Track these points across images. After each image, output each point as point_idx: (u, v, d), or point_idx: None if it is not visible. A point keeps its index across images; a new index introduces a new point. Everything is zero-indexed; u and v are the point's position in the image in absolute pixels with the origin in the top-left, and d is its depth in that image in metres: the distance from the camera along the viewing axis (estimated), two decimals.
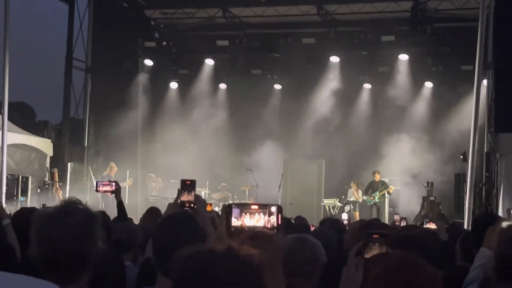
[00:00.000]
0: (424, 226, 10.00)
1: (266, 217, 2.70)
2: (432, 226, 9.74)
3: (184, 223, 3.64)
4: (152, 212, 8.85)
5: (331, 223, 8.51)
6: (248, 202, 3.51)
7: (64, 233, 3.02)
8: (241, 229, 2.68)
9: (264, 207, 2.72)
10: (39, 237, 3.05)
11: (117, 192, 8.23)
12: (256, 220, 2.70)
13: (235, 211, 2.71)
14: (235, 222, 2.70)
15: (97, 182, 8.70)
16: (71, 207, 3.11)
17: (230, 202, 23.27)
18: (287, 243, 4.37)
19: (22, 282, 2.12)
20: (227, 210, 2.72)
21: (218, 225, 2.79)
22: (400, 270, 2.75)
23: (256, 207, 2.72)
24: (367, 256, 3.32)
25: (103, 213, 6.73)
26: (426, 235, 4.88)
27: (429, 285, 2.70)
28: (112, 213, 8.22)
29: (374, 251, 3.32)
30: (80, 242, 3.03)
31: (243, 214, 2.71)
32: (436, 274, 2.75)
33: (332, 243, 6.47)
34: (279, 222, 2.71)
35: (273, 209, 2.72)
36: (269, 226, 2.69)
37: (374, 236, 3.39)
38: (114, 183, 8.42)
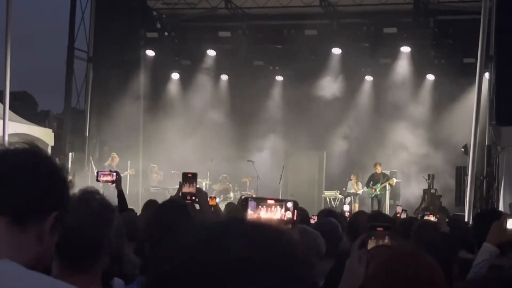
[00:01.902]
0: (425, 218, 10.01)
1: (283, 211, 2.71)
2: (432, 218, 9.74)
3: (175, 214, 3.63)
4: (151, 204, 8.84)
5: (329, 214, 8.50)
6: (265, 197, 3.53)
7: (80, 221, 3.03)
8: None
9: (280, 202, 2.73)
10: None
11: (117, 182, 8.23)
12: (272, 213, 2.71)
13: (252, 204, 2.72)
14: (251, 214, 2.71)
15: (97, 172, 8.71)
16: (88, 196, 3.12)
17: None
18: None
19: (47, 284, 2.15)
20: (244, 203, 2.73)
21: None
22: (400, 262, 2.75)
23: (272, 201, 2.74)
24: (369, 248, 3.33)
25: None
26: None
27: (429, 277, 2.70)
28: (113, 203, 8.21)
29: (377, 244, 3.32)
30: (95, 232, 3.05)
31: (260, 207, 2.71)
32: (437, 266, 2.75)
33: (337, 235, 6.45)
34: (295, 218, 2.72)
35: (289, 204, 2.73)
36: (285, 219, 2.71)
37: (378, 229, 3.39)
38: (114, 173, 8.42)
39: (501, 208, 16.98)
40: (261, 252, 1.34)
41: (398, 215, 12.38)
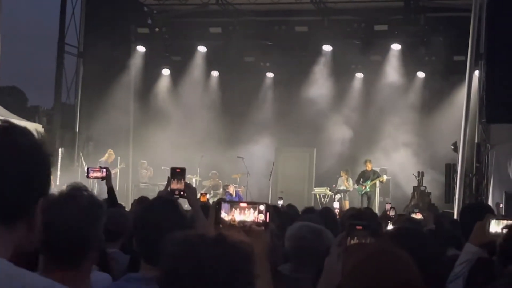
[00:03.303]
0: (411, 215, 10.06)
1: (256, 213, 2.75)
2: (419, 216, 9.79)
3: (166, 211, 3.64)
4: (142, 201, 8.85)
5: (320, 212, 8.52)
6: (236, 200, 3.62)
7: (68, 218, 3.02)
8: (229, 226, 2.73)
9: (253, 204, 2.77)
10: (42, 221, 3.05)
11: (107, 178, 8.27)
12: (246, 215, 2.75)
13: (225, 206, 2.76)
14: (225, 217, 2.75)
15: (88, 168, 8.73)
16: (76, 193, 3.12)
17: (220, 190, 23.35)
18: (302, 234, 4.43)
19: (34, 283, 2.11)
20: (217, 207, 2.77)
21: (208, 220, 2.84)
22: (374, 259, 2.76)
23: (245, 204, 2.78)
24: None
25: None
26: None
27: (404, 274, 2.71)
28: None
29: (359, 242, 3.35)
30: (83, 228, 3.04)
31: (233, 209, 2.75)
32: (412, 261, 2.76)
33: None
34: (267, 220, 2.76)
35: (262, 207, 2.77)
36: (258, 221, 2.75)
37: (357, 227, 3.41)
38: (104, 169, 8.46)
39: (489, 204, 17.03)
40: None
41: (387, 212, 12.42)
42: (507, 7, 18.10)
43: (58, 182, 22.50)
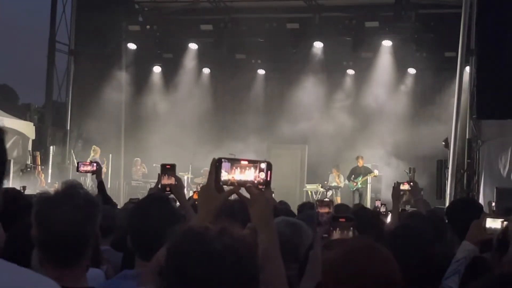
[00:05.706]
0: (401, 188, 9.98)
1: (257, 172, 2.70)
2: (406, 186, 9.71)
3: (158, 207, 3.65)
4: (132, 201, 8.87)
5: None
6: (238, 158, 3.57)
7: (64, 216, 3.01)
8: (230, 184, 2.69)
9: (254, 163, 2.73)
10: (39, 220, 3.04)
11: (98, 172, 8.29)
12: (246, 175, 2.70)
13: (226, 165, 2.70)
14: (225, 176, 2.69)
15: (78, 163, 8.77)
16: (72, 191, 3.11)
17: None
18: (279, 228, 4.44)
19: (23, 277, 2.07)
20: (217, 164, 2.71)
21: (207, 179, 2.77)
22: (353, 255, 2.76)
23: (246, 162, 2.73)
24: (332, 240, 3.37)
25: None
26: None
27: (383, 268, 2.72)
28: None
29: (341, 235, 3.36)
30: (79, 226, 3.03)
31: (234, 168, 2.70)
32: (391, 256, 2.77)
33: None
34: (268, 179, 2.72)
35: (263, 165, 2.73)
36: (259, 179, 2.70)
37: (340, 220, 3.41)
38: (95, 164, 8.49)
39: (481, 201, 17.09)
40: None
41: (378, 209, 12.44)
42: (497, 3, 18.15)
43: (50, 180, 22.50)
